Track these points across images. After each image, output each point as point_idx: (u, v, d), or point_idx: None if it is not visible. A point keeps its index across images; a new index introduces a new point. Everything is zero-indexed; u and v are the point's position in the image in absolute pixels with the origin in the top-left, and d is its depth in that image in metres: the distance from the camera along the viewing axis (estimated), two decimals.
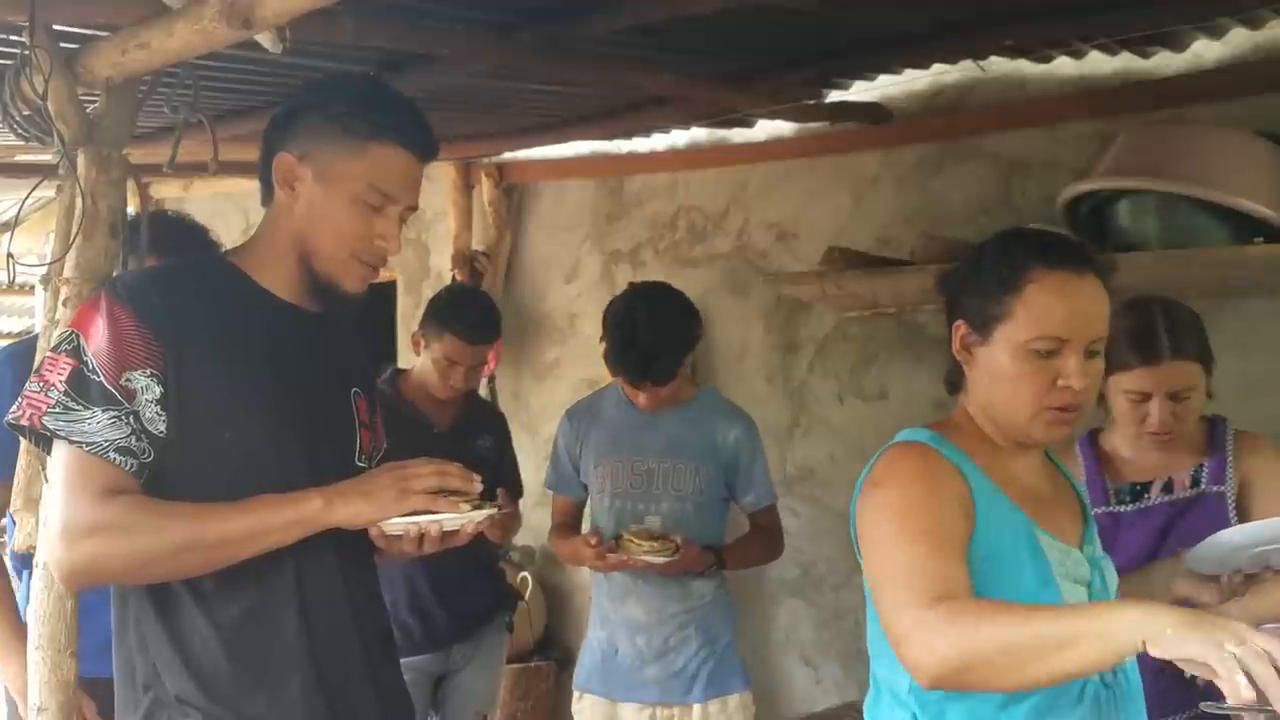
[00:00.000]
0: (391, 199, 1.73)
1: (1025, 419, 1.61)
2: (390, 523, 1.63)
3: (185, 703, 1.62)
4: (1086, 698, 1.56)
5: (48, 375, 1.60)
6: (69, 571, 1.59)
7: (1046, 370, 1.59)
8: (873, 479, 1.62)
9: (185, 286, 1.69)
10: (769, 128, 3.92)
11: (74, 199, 2.08)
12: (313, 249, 1.72)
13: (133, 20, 2.02)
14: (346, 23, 2.31)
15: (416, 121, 1.77)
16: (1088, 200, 2.93)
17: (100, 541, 1.55)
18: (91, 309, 1.63)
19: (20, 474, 2.13)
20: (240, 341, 1.68)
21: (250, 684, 1.64)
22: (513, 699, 4.17)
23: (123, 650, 1.69)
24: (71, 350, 1.60)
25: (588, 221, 4.43)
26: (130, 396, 1.58)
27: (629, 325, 2.91)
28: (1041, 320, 1.58)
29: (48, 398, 1.58)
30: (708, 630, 3.03)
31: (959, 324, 1.67)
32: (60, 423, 1.57)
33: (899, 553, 1.49)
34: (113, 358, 1.58)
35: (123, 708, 1.69)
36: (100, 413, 1.57)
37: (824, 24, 2.90)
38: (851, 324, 3.77)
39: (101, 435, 1.57)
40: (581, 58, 2.87)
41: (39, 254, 5.30)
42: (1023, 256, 1.62)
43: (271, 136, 1.76)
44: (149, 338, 1.60)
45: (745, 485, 3.09)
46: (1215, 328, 2.52)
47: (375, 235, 1.73)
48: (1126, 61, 3.24)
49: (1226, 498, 2.30)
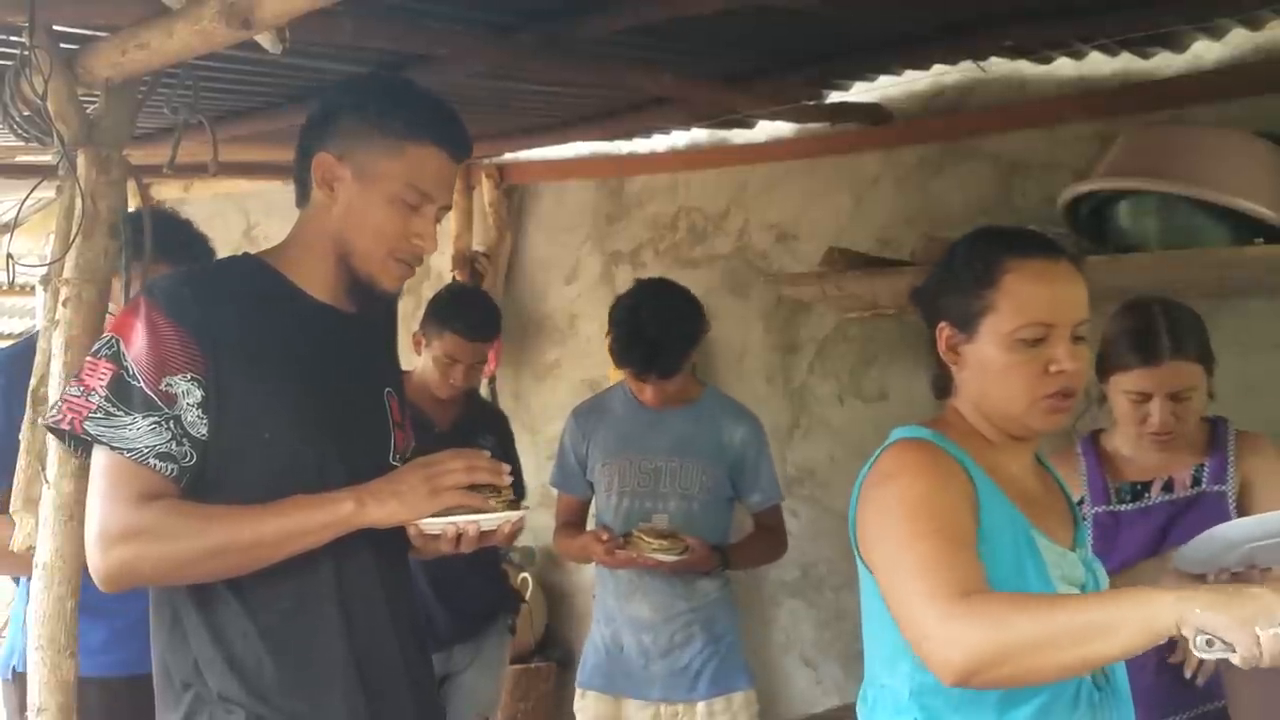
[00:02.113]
0: (429, 198, 1.75)
1: (1021, 409, 1.61)
2: (428, 522, 1.65)
3: (228, 700, 1.63)
4: (1082, 702, 1.56)
5: (88, 380, 1.62)
6: (105, 575, 1.60)
7: (1036, 358, 1.59)
8: (880, 473, 1.61)
9: (222, 289, 1.70)
10: (769, 128, 3.92)
11: (74, 200, 2.08)
12: (351, 248, 1.73)
13: (132, 21, 2.02)
14: (346, 23, 2.31)
15: (452, 121, 1.79)
16: (1088, 201, 2.93)
17: (135, 546, 1.57)
18: (131, 314, 1.64)
19: (20, 474, 2.12)
20: (277, 343, 1.69)
21: (292, 682, 1.65)
22: (513, 700, 4.17)
23: (161, 648, 1.70)
24: (112, 355, 1.61)
25: (588, 222, 4.43)
26: (171, 401, 1.59)
27: (634, 318, 2.93)
28: (1024, 308, 1.59)
29: (89, 402, 1.60)
30: (712, 628, 3.04)
31: (942, 326, 1.67)
32: (101, 428, 1.59)
33: (914, 549, 1.48)
34: (152, 363, 1.59)
35: (162, 705, 1.70)
36: (141, 418, 1.58)
37: (824, 25, 2.90)
38: (852, 325, 3.77)
39: (142, 441, 1.58)
40: (582, 58, 2.87)
41: (39, 255, 5.30)
42: (994, 250, 1.64)
43: (308, 137, 1.77)
44: (189, 342, 1.61)
45: (752, 484, 3.10)
46: (1215, 328, 2.53)
47: (413, 234, 1.75)
48: (1126, 62, 3.24)
49: (1227, 497, 2.30)
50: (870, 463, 1.65)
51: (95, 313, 2.07)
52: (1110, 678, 1.62)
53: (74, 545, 2.02)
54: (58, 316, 2.06)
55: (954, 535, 1.48)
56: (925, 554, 1.46)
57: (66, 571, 2.01)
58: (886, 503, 1.57)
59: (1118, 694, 1.63)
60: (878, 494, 1.60)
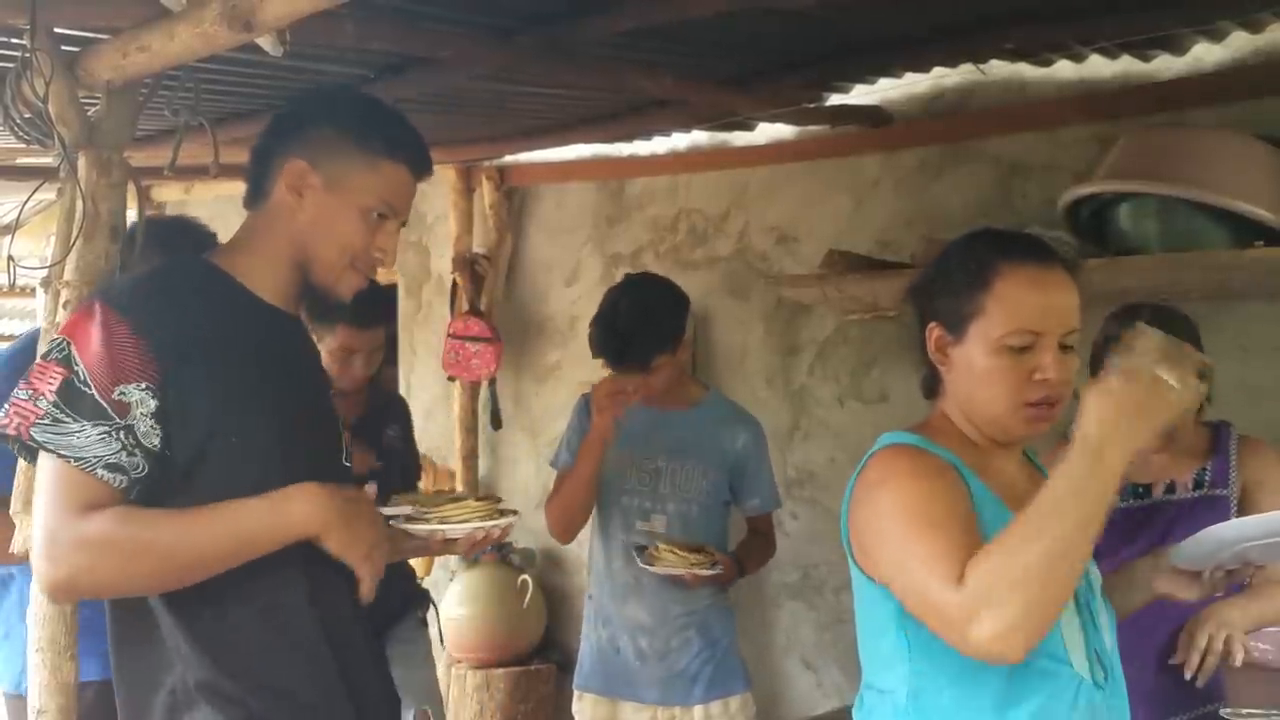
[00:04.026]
0: (395, 213, 1.80)
1: (1004, 414, 1.61)
2: (414, 526, 1.73)
3: (209, 689, 1.62)
4: (1081, 702, 1.56)
5: (37, 384, 1.58)
6: (53, 586, 1.58)
7: (1022, 365, 1.59)
8: (868, 481, 1.61)
9: (175, 291, 1.69)
10: (769, 130, 3.92)
11: (74, 202, 2.08)
12: (314, 255, 1.75)
13: (134, 23, 2.02)
14: (347, 25, 2.32)
15: (420, 143, 1.84)
16: (1088, 204, 2.93)
17: (84, 557, 1.55)
18: (84, 317, 1.61)
19: (20, 476, 2.12)
20: (233, 346, 1.68)
21: (272, 666, 1.66)
22: (513, 701, 4.17)
23: (126, 653, 1.69)
24: (63, 359, 1.58)
25: (588, 224, 4.44)
26: (123, 411, 1.57)
27: (610, 309, 2.96)
28: (1014, 314, 1.59)
29: (36, 407, 1.56)
30: (709, 632, 3.04)
31: (932, 326, 1.67)
32: (49, 435, 1.56)
33: (917, 546, 1.48)
34: (106, 370, 1.57)
35: (132, 711, 1.69)
36: (90, 426, 1.55)
37: (824, 27, 2.90)
38: (852, 327, 3.77)
39: (90, 451, 1.55)
40: (582, 60, 2.87)
41: (40, 257, 5.30)
42: (989, 253, 1.63)
43: (274, 142, 1.78)
44: (144, 348, 1.58)
45: (751, 490, 3.10)
46: (1215, 331, 2.53)
47: (376, 247, 1.79)
48: (1126, 65, 3.24)
49: (1230, 501, 2.30)
50: (858, 470, 1.65)
51: None
52: (1110, 677, 1.62)
53: None
54: (58, 319, 2.06)
55: (953, 526, 1.48)
56: (927, 550, 1.46)
57: None
58: (880, 507, 1.56)
59: (1117, 694, 1.63)
60: (867, 502, 1.60)
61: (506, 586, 4.22)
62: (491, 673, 4.19)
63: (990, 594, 1.37)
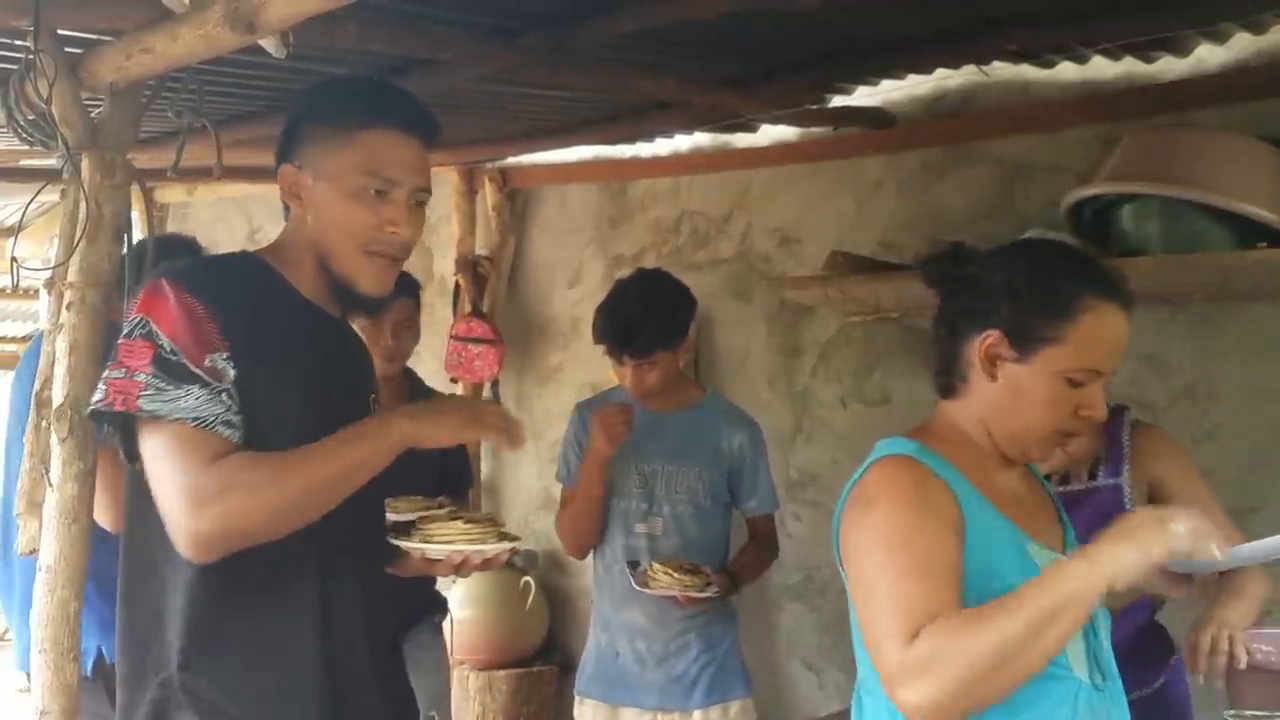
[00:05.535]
0: (394, 183, 1.72)
1: (1036, 441, 1.61)
2: (433, 548, 1.73)
3: (194, 695, 1.62)
4: (1080, 706, 1.55)
5: (128, 361, 1.58)
6: (199, 539, 1.55)
7: (1073, 398, 1.57)
8: (862, 498, 1.59)
9: (231, 279, 1.70)
10: (772, 132, 3.92)
11: (78, 203, 2.08)
12: (328, 251, 1.74)
13: (137, 25, 2.02)
14: (349, 27, 2.32)
15: (405, 100, 1.78)
16: (1091, 205, 2.93)
17: (228, 502, 1.53)
18: (156, 295, 1.61)
19: (24, 477, 2.13)
20: (282, 338, 1.69)
21: (260, 685, 1.65)
22: (515, 703, 4.17)
23: (130, 640, 1.70)
24: (146, 335, 1.58)
25: (591, 226, 4.44)
26: (218, 376, 1.58)
27: (617, 297, 2.97)
28: (1091, 352, 1.57)
29: (136, 380, 1.56)
30: (709, 636, 3.03)
31: (990, 334, 1.60)
32: (157, 404, 1.55)
33: (886, 586, 1.48)
34: (192, 341, 1.57)
35: (127, 694, 1.69)
36: (196, 389, 1.56)
37: (827, 29, 2.90)
38: (854, 329, 3.77)
39: (204, 410, 1.56)
40: (584, 62, 2.88)
41: (43, 258, 5.31)
42: (1078, 283, 1.59)
43: (278, 154, 1.79)
44: (217, 324, 1.60)
45: (749, 491, 3.09)
46: (1218, 332, 2.54)
47: (384, 223, 1.73)
48: (1129, 66, 3.24)
49: (1123, 490, 2.31)
50: (854, 478, 1.63)
51: (99, 316, 2.08)
52: (1108, 678, 1.61)
53: (77, 548, 2.03)
54: (61, 320, 2.07)
55: (928, 572, 1.47)
56: (893, 594, 1.46)
57: (69, 574, 2.01)
58: (867, 527, 1.56)
59: (1115, 697, 1.63)
60: (857, 519, 1.59)
61: (509, 588, 4.22)
62: (494, 674, 4.18)
63: (930, 666, 1.38)
